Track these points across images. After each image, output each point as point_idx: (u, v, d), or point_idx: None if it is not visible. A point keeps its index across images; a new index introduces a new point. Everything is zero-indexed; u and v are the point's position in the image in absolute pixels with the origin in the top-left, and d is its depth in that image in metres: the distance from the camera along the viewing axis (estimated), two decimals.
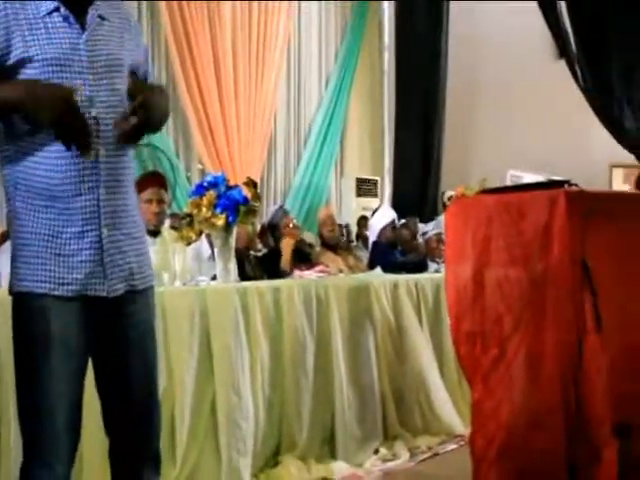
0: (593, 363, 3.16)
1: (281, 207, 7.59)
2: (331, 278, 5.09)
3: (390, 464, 4.50)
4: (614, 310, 3.27)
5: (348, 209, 11.65)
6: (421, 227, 8.77)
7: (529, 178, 8.12)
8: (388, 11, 13.03)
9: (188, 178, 9.79)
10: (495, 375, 3.40)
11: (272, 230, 7.09)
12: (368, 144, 12.61)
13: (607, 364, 3.18)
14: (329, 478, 4.24)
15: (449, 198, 8.69)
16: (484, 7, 11.80)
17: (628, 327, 3.39)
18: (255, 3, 10.48)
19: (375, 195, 11.81)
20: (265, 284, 4.55)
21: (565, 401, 3.16)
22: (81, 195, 2.13)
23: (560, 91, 11.05)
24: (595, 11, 9.77)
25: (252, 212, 4.49)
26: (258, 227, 7.33)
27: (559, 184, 3.52)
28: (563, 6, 10.16)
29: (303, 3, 11.57)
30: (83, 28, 2.17)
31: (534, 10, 10.41)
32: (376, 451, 4.62)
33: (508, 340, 3.36)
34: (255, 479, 4.07)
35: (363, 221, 9.89)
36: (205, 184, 4.44)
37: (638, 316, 3.46)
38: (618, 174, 13.60)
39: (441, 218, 6.73)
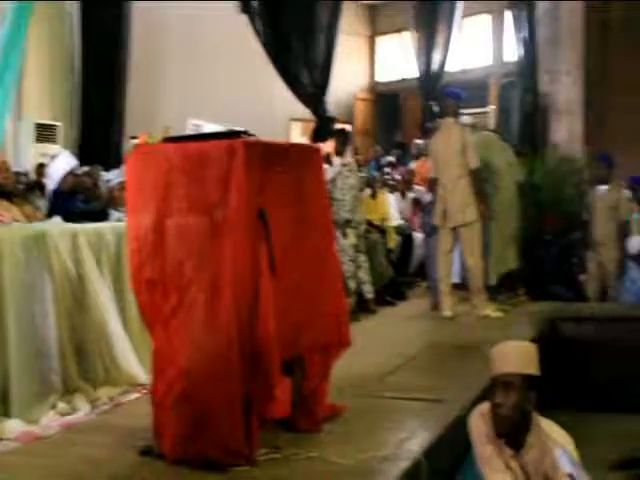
0: (266, 306, 3.32)
1: None
2: (4, 227, 4.81)
3: (69, 418, 4.39)
4: (281, 254, 3.45)
5: (25, 155, 11.01)
6: (104, 175, 8.56)
7: (209, 127, 8.25)
8: None
9: None
10: (175, 322, 3.44)
11: None
12: (49, 87, 11.94)
13: (276, 306, 3.36)
14: (3, 438, 4.05)
15: (133, 146, 8.55)
16: None
17: (292, 269, 3.59)
18: None
19: (55, 141, 11.27)
20: None
21: (241, 344, 3.28)
22: None
23: (245, 45, 11.27)
24: None
25: None
26: None
27: (238, 134, 3.61)
28: None
29: None
30: None
31: None
32: (54, 406, 4.48)
33: (188, 287, 3.41)
34: None
35: (42, 168, 9.42)
36: None
37: (301, 257, 3.69)
38: (297, 127, 14.27)
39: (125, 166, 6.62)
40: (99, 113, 11.48)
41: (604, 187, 8.18)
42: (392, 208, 10.10)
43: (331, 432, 3.86)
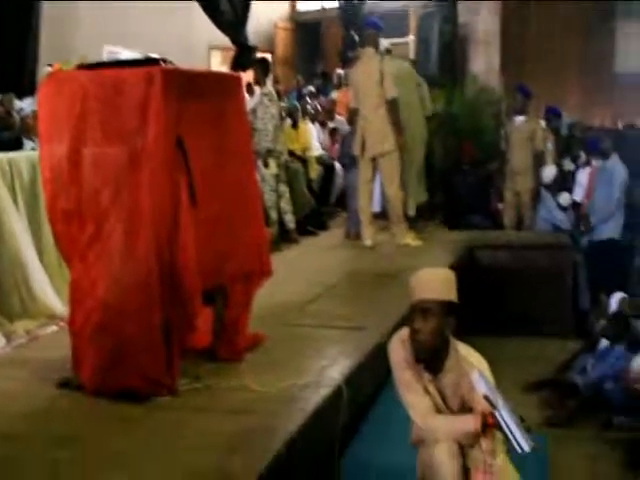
0: (187, 235, 3.29)
1: None
2: None
3: None
4: (201, 183, 3.41)
5: None
6: (17, 104, 8.27)
7: (126, 55, 8.01)
8: None
9: None
10: (92, 252, 3.38)
11: None
12: None
13: (196, 236, 3.34)
14: None
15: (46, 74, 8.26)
16: None
17: (213, 198, 3.57)
18: None
19: None
20: None
21: (161, 274, 3.25)
22: None
23: None
24: None
25: None
26: None
27: (156, 62, 3.51)
28: None
29: None
30: None
31: None
32: None
33: (105, 217, 3.35)
34: None
35: None
36: None
37: (221, 187, 3.66)
38: (216, 56, 13.97)
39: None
40: (11, 41, 11.02)
41: (521, 118, 8.30)
42: (313, 138, 10.05)
43: (252, 361, 3.89)
